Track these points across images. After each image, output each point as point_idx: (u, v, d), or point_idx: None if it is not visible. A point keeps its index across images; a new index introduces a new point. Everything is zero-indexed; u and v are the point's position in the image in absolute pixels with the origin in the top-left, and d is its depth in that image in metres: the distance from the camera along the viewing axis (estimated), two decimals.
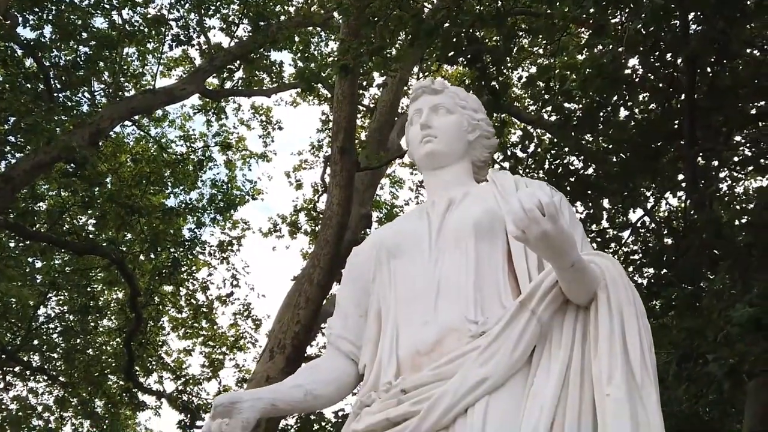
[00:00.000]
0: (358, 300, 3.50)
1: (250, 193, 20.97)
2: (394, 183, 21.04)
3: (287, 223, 20.35)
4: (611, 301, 2.85)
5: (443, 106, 3.70)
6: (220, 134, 20.54)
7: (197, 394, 21.23)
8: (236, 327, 21.20)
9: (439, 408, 2.82)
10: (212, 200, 19.84)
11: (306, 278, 11.87)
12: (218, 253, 20.39)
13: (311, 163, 20.81)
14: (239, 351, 21.29)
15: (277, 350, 11.33)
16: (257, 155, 21.31)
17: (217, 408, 2.95)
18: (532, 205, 2.62)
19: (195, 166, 19.59)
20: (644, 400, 2.69)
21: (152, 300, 19.72)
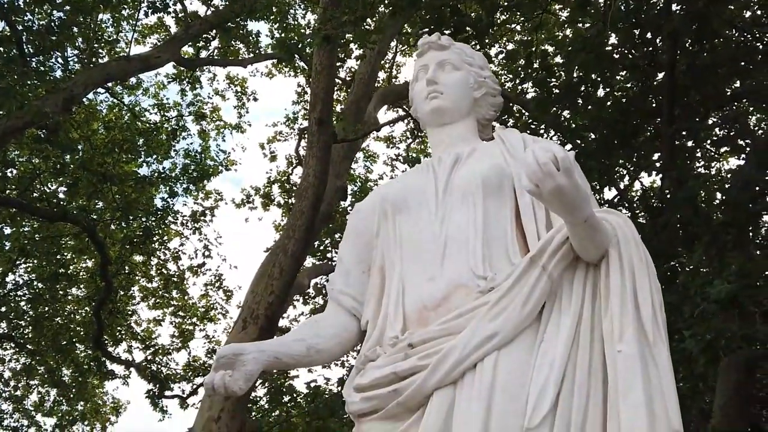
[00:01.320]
0: (361, 255, 3.49)
1: (224, 164, 20.84)
2: (367, 157, 20.99)
3: (260, 195, 20.28)
4: (623, 259, 2.85)
5: (450, 62, 3.68)
6: (195, 104, 20.34)
7: (166, 364, 21.18)
8: (207, 298, 21.15)
9: (447, 362, 2.82)
10: (185, 170, 19.67)
11: (280, 249, 11.83)
12: (190, 223, 20.28)
13: (286, 135, 20.73)
14: (209, 322, 21.24)
15: (250, 320, 11.30)
16: (231, 126, 21.15)
17: (220, 360, 2.92)
18: (547, 159, 2.60)
19: (168, 136, 19.40)
20: (656, 358, 2.70)
21: (123, 269, 19.57)
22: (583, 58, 9.71)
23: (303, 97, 20.02)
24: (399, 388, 2.89)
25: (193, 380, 20.72)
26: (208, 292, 21.07)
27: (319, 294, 18.95)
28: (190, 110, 20.29)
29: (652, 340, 2.72)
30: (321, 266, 16.79)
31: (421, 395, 2.85)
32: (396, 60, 19.54)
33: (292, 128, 20.57)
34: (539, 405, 2.69)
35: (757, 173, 9.40)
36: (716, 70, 10.33)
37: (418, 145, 19.84)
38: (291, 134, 20.57)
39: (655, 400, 2.62)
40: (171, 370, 21.03)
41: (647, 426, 2.55)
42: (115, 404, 23.07)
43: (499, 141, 3.55)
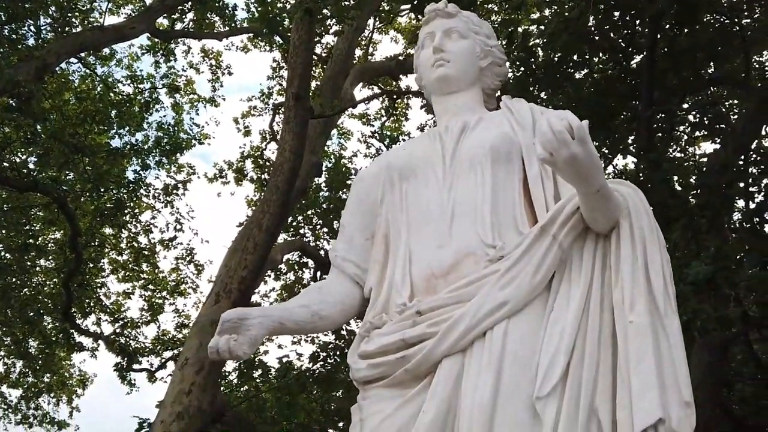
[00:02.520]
0: (365, 223, 3.48)
1: (197, 138, 20.68)
2: (342, 134, 20.91)
3: (233, 170, 20.15)
4: (634, 230, 2.86)
5: (456, 30, 3.67)
6: (168, 76, 20.14)
7: (135, 337, 21.04)
8: (178, 272, 21.01)
9: (457, 330, 2.82)
10: (158, 143, 19.50)
11: (255, 224, 11.79)
12: (162, 196, 20.10)
13: (260, 110, 20.57)
14: (180, 296, 21.11)
15: (223, 294, 11.27)
16: (205, 99, 20.96)
17: (224, 324, 2.91)
18: (562, 128, 2.60)
19: (141, 108, 19.20)
20: (666, 329, 2.72)
21: (92, 241, 19.41)
22: (565, 40, 9.72)
23: (278, 72, 19.89)
24: (407, 355, 2.90)
25: (162, 354, 20.65)
26: (178, 266, 20.95)
27: (291, 270, 18.92)
28: (163, 83, 20.09)
29: (663, 311, 2.73)
30: (293, 242, 16.73)
31: (430, 362, 2.86)
32: (373, 37, 19.52)
33: (266, 103, 20.44)
34: (549, 374, 2.71)
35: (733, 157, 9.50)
36: (694, 54, 10.42)
37: (392, 122, 19.81)
38: (265, 109, 20.45)
39: (665, 371, 2.64)
40: (140, 343, 20.92)
41: (658, 396, 2.57)
42: (82, 377, 22.95)
43: (506, 110, 3.55)
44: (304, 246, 16.95)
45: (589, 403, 2.68)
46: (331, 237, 18.60)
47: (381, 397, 2.96)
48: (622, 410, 2.65)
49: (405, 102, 19.67)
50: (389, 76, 17.45)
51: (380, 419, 2.91)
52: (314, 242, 18.32)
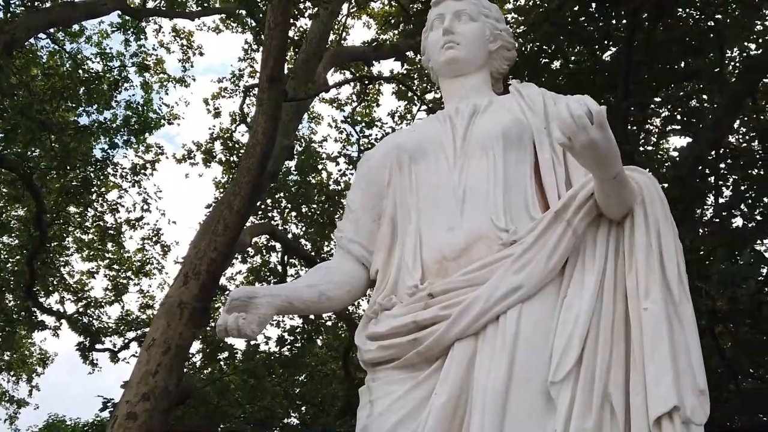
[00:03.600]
0: (371, 204, 3.46)
1: (166, 118, 20.51)
2: (312, 119, 20.82)
3: (202, 151, 19.97)
4: (649, 217, 2.87)
5: (466, 13, 3.66)
6: (138, 55, 19.92)
7: (98, 317, 20.90)
8: (143, 252, 20.86)
9: (470, 313, 2.82)
10: (126, 122, 19.30)
11: (225, 205, 11.69)
12: (130, 176, 19.92)
13: (231, 91, 20.40)
14: (145, 276, 20.97)
15: (192, 276, 11.18)
16: (175, 79, 20.77)
17: (233, 302, 2.89)
18: (582, 112, 2.59)
19: (110, 86, 18.98)
20: (681, 317, 2.73)
21: (58, 219, 19.22)
22: (546, 30, 9.75)
23: (250, 54, 19.75)
24: (419, 338, 2.90)
25: (125, 334, 20.53)
26: (144, 247, 20.79)
27: (259, 253, 18.87)
28: (133, 61, 19.86)
29: (678, 298, 2.75)
30: (263, 225, 16.67)
31: (442, 345, 2.86)
32: (346, 22, 19.41)
33: (237, 85, 20.29)
34: (564, 359, 2.72)
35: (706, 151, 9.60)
36: (670, 48, 10.51)
37: (363, 108, 19.77)
38: (236, 91, 20.30)
39: (680, 357, 2.66)
40: (103, 323, 20.79)
41: (673, 383, 2.59)
42: (43, 356, 22.77)
43: (516, 94, 3.55)
44: (273, 229, 16.91)
45: (602, 389, 2.69)
46: (299, 221, 18.58)
47: (391, 379, 2.97)
48: (635, 396, 2.67)
49: (376, 88, 19.62)
50: (362, 62, 17.38)
51: (391, 401, 2.91)
52: (283, 226, 18.29)
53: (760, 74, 10.98)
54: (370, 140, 15.63)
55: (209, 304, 12.24)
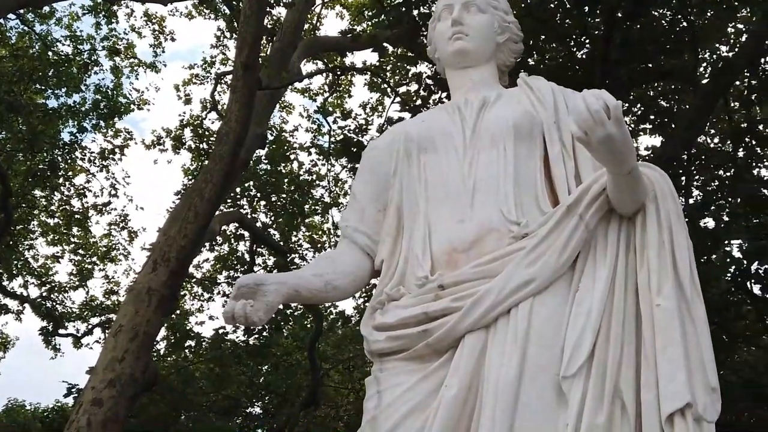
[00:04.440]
0: (377, 194, 3.44)
1: (136, 103, 20.32)
2: (283, 108, 20.74)
3: (172, 138, 19.82)
4: (661, 214, 2.87)
5: (475, 4, 3.64)
6: (109, 39, 19.73)
7: (62, 302, 20.74)
8: (110, 237, 20.70)
9: (481, 306, 2.81)
10: (96, 106, 19.12)
11: (197, 193, 11.61)
12: (98, 160, 19.73)
13: (202, 78, 20.27)
14: (110, 262, 20.82)
15: (161, 263, 11.10)
16: (146, 64, 20.58)
17: (241, 288, 2.86)
18: (599, 107, 2.58)
19: (80, 69, 18.79)
20: (692, 314, 2.74)
21: (23, 202, 19.01)
22: (528, 25, 9.76)
23: (222, 41, 19.64)
24: (429, 329, 2.89)
25: (89, 320, 20.39)
26: (111, 232, 20.64)
27: (227, 241, 18.79)
28: (103, 45, 19.68)
29: (690, 296, 2.76)
30: (232, 213, 16.58)
31: (452, 337, 2.85)
32: (321, 12, 19.34)
33: (208, 72, 20.17)
34: (576, 354, 2.72)
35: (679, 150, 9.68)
36: (645, 47, 10.57)
37: (335, 99, 19.73)
38: (207, 78, 20.17)
39: (692, 355, 2.67)
40: (66, 308, 20.63)
41: (686, 380, 2.59)
42: (3, 340, 22.55)
43: (525, 88, 3.54)
44: (242, 218, 16.84)
45: (613, 385, 2.69)
46: (268, 210, 18.52)
47: (400, 370, 2.95)
48: (647, 392, 2.67)
49: (348, 79, 19.59)
50: (336, 52, 17.33)
51: (400, 392, 2.89)
52: (251, 215, 18.22)
53: (732, 76, 11.10)
54: (343, 131, 15.59)
55: (178, 292, 12.18)
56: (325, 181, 19.26)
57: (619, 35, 10.26)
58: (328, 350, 20.60)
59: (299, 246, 19.68)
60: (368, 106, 18.20)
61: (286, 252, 18.30)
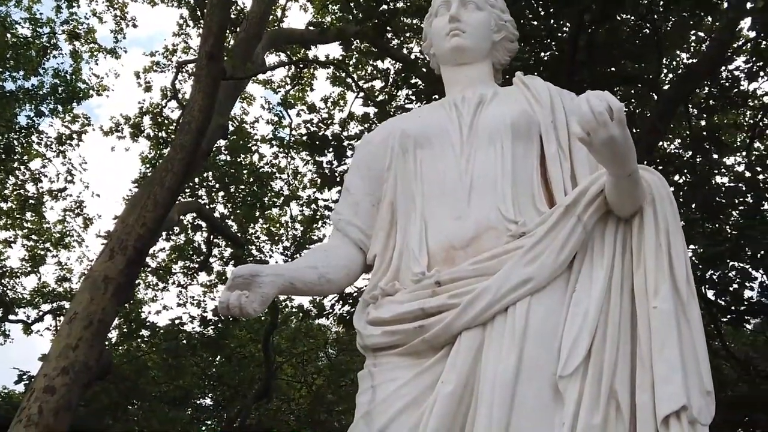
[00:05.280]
0: (371, 188, 3.44)
1: (95, 88, 20.08)
2: (244, 99, 20.62)
3: (130, 125, 19.61)
4: (658, 217, 2.88)
5: (473, 1, 3.63)
6: (69, 22, 19.47)
7: (13, 287, 20.46)
8: (64, 224, 20.44)
9: (479, 303, 2.82)
10: (54, 90, 18.86)
11: (157, 181, 11.51)
12: (55, 145, 19.49)
13: (163, 66, 20.09)
14: (64, 249, 20.57)
15: (118, 251, 10.98)
16: (106, 50, 20.35)
17: (236, 279, 2.84)
18: (603, 108, 2.58)
19: (38, 52, 18.54)
20: (688, 317, 2.76)
21: None
22: None
23: (184, 29, 19.50)
24: (425, 325, 2.89)
25: (40, 306, 20.14)
26: (65, 218, 20.39)
27: (183, 231, 18.65)
28: (63, 29, 19.42)
29: (686, 299, 2.78)
30: (190, 203, 16.45)
31: (449, 334, 2.85)
32: (285, 5, 19.26)
33: (170, 60, 20.00)
34: (573, 354, 2.73)
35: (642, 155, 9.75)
36: (611, 51, 10.67)
37: (297, 91, 19.66)
38: (168, 66, 20.00)
39: (687, 358, 2.69)
40: (17, 294, 20.35)
41: (682, 383, 2.61)
42: None
43: (521, 87, 3.55)
44: (200, 208, 16.72)
45: (609, 385, 2.71)
46: (226, 201, 18.42)
47: (395, 365, 2.95)
48: (643, 394, 2.69)
49: (311, 72, 19.55)
50: (300, 44, 17.27)
51: (395, 387, 2.89)
52: (209, 205, 18.12)
53: (693, 84, 11.23)
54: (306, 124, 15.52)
55: (135, 280, 12.08)
56: (284, 174, 19.23)
57: (585, 38, 10.34)
58: (282, 343, 20.56)
59: (257, 238, 19.62)
60: (330, 100, 18.17)
61: (244, 244, 18.23)
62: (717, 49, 11.03)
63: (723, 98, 11.84)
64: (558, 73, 10.13)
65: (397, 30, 13.05)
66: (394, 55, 13.44)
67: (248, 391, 19.67)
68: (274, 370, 18.89)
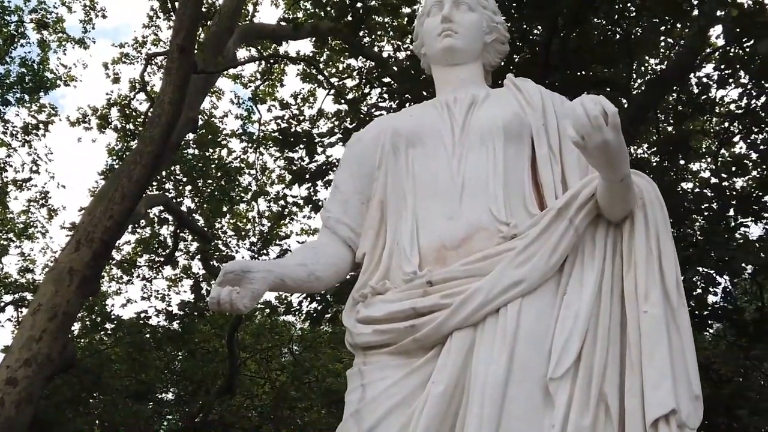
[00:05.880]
0: (361, 186, 3.44)
1: (63, 78, 19.88)
2: (213, 93, 20.52)
3: (98, 116, 19.45)
4: (649, 221, 2.90)
5: (466, 2, 3.64)
6: (38, 11, 19.26)
7: None
8: (28, 214, 20.24)
9: (471, 304, 2.83)
10: (21, 79, 18.65)
11: (125, 174, 11.42)
12: (21, 135, 19.28)
13: (132, 58, 19.92)
14: (27, 239, 20.37)
15: (85, 243, 10.89)
16: (74, 40, 20.13)
17: (227, 275, 2.83)
18: (598, 113, 2.60)
19: (5, 40, 18.32)
20: (678, 322, 2.78)
21: None
22: None
23: (154, 21, 19.36)
24: (417, 324, 2.89)
25: (1, 297, 19.93)
26: (30, 209, 20.19)
27: (150, 225, 18.54)
28: (32, 17, 19.20)
29: (676, 304, 2.80)
30: (158, 197, 16.36)
31: (440, 334, 2.86)
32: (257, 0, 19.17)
33: (139, 52, 19.84)
34: (564, 356, 2.75)
35: None
36: (583, 55, 10.74)
37: (267, 87, 19.60)
38: (138, 58, 19.84)
39: (677, 362, 2.71)
40: None
41: (671, 388, 2.64)
42: None
43: (513, 89, 3.55)
44: (167, 201, 16.63)
45: (599, 388, 2.73)
46: (194, 195, 18.33)
47: (385, 364, 2.95)
48: (632, 398, 2.71)
49: (281, 68, 19.49)
50: (272, 40, 17.20)
51: (385, 386, 2.89)
52: (176, 199, 18.03)
53: (663, 89, 11.33)
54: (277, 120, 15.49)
55: (100, 273, 11.98)
56: (253, 170, 19.18)
57: (557, 42, 10.40)
58: (246, 339, 20.51)
59: (224, 233, 19.55)
60: (299, 97, 18.13)
61: (210, 238, 18.15)
62: (687, 56, 11.13)
63: (692, 105, 11.95)
64: (529, 75, 10.14)
65: (370, 28, 13.04)
66: (367, 54, 13.45)
67: (211, 387, 19.60)
68: (238, 366, 18.83)
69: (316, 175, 12.46)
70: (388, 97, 11.64)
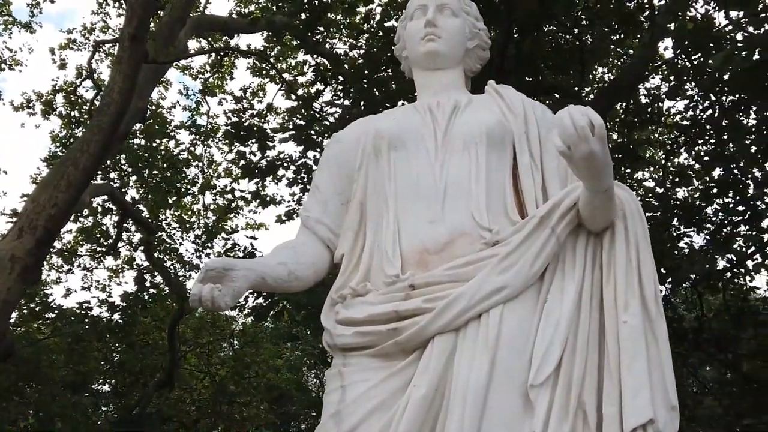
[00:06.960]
0: (341, 187, 3.44)
1: (8, 62, 19.50)
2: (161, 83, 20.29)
3: (42, 102, 19.12)
4: (629, 233, 2.94)
5: (449, 7, 3.66)
6: None
7: None
8: None
9: (454, 309, 2.84)
10: None
11: (71, 162, 11.26)
12: None
13: (80, 44, 19.61)
14: None
15: (27, 230, 10.71)
16: (21, 24, 19.77)
17: (209, 272, 2.81)
18: (585, 123, 2.61)
19: None
20: (656, 333, 2.82)
21: None
22: None
23: (104, 8, 19.08)
24: (399, 328, 2.90)
25: None
26: None
27: (93, 214, 18.31)
28: None
29: (654, 314, 2.84)
30: (103, 186, 16.12)
31: (422, 338, 2.87)
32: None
33: (87, 39, 19.54)
34: (544, 364, 2.77)
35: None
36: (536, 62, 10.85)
37: (216, 79, 19.45)
38: (85, 45, 19.54)
39: (654, 373, 2.75)
40: None
41: (649, 397, 2.67)
42: None
43: (494, 95, 3.58)
44: (112, 191, 16.41)
45: (578, 396, 2.75)
46: (139, 186, 18.14)
47: (365, 366, 2.95)
48: (610, 406, 2.74)
49: (231, 61, 19.36)
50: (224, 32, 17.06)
51: (365, 388, 2.90)
52: (121, 189, 17.82)
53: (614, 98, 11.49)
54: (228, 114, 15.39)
55: (42, 261, 11.79)
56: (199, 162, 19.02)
57: (512, 47, 10.49)
58: (187, 332, 20.37)
59: (168, 224, 19.36)
60: (249, 91, 18.02)
61: (154, 230, 17.98)
62: (637, 67, 11.29)
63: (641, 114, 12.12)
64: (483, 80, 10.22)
65: (325, 25, 13.02)
66: (320, 51, 13.43)
67: (149, 379, 19.42)
68: (178, 359, 18.69)
69: (266, 170, 12.42)
70: (342, 95, 11.64)
